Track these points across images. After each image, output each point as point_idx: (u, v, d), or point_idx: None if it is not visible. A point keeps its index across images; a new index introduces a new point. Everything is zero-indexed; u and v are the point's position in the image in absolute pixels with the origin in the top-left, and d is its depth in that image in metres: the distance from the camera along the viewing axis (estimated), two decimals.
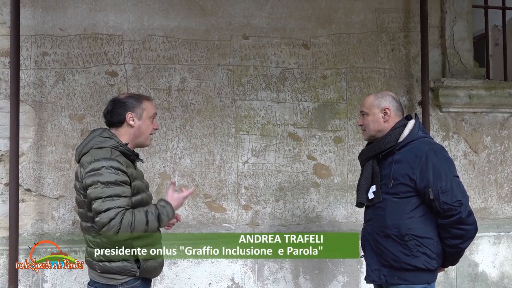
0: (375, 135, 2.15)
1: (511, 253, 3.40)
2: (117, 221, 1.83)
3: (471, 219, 1.97)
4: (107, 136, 2.00)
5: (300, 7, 3.20)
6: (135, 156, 2.09)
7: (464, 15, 3.42)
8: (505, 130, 3.49)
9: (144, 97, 2.09)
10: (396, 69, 3.33)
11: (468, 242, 2.02)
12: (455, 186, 1.96)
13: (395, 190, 2.04)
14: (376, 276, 2.12)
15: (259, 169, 3.14)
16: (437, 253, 2.03)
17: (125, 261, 1.94)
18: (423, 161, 1.98)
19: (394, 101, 2.13)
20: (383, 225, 2.07)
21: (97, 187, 1.86)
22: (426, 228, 2.02)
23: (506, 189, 3.49)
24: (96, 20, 2.97)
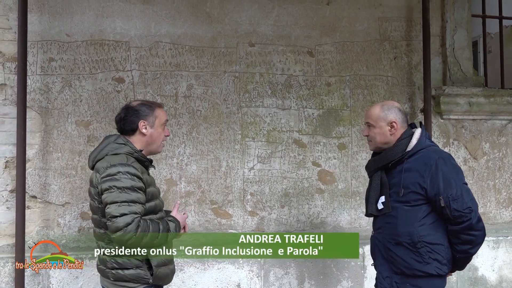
0: (382, 147, 2.19)
1: (509, 257, 3.48)
2: (133, 228, 1.84)
3: (480, 225, 2.03)
4: (122, 142, 2.01)
5: (305, 15, 3.24)
6: (149, 162, 2.10)
7: (464, 24, 3.50)
8: (503, 137, 3.58)
9: (156, 104, 2.11)
10: (399, 77, 3.39)
11: (477, 247, 2.07)
12: (465, 193, 2.01)
13: (406, 199, 2.08)
14: (388, 283, 2.15)
15: (264, 176, 3.17)
16: (448, 259, 2.08)
17: (138, 269, 1.95)
18: (433, 169, 2.03)
19: (400, 113, 2.16)
20: (394, 233, 2.10)
21: (113, 192, 1.87)
22: (437, 234, 2.06)
23: (504, 195, 3.57)
24: (103, 26, 2.97)
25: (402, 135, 2.13)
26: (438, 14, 3.48)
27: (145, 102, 2.10)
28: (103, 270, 2.02)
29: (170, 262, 2.08)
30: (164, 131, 2.10)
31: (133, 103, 2.09)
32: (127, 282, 1.95)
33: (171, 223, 2.00)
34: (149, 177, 2.05)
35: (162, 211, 2.10)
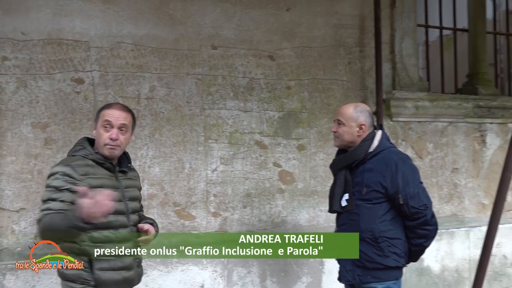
0: (346, 145, 2.34)
1: (450, 248, 3.80)
2: (40, 223, 1.85)
3: (433, 220, 2.24)
4: (81, 144, 2.03)
5: (266, 20, 3.33)
6: (113, 165, 2.03)
7: (410, 33, 3.76)
8: (444, 137, 3.89)
9: (107, 105, 2.07)
10: (353, 81, 3.58)
11: (430, 241, 2.29)
12: (421, 192, 2.21)
13: (368, 197, 2.25)
14: (351, 276, 2.30)
15: (227, 177, 3.22)
16: (405, 252, 2.27)
17: (81, 269, 1.90)
18: (393, 170, 2.20)
19: (369, 116, 2.32)
20: (357, 229, 2.24)
21: (45, 190, 1.92)
22: (396, 230, 2.25)
23: (445, 191, 3.89)
24: (61, 25, 2.87)
25: (366, 137, 2.29)
26: (388, 23, 3.71)
27: (106, 104, 2.13)
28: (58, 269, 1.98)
29: (123, 268, 1.98)
30: (108, 133, 1.96)
31: None
32: (71, 282, 1.92)
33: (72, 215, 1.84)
34: (105, 182, 1.97)
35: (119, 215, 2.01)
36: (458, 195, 3.93)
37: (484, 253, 2.74)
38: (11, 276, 2.70)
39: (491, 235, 2.69)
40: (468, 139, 3.97)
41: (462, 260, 3.82)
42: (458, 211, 3.94)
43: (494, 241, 2.73)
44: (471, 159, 3.98)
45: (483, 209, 4.02)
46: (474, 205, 3.99)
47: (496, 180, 3.97)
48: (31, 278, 2.73)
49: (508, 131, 4.11)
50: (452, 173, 3.91)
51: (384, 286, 2.26)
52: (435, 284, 3.73)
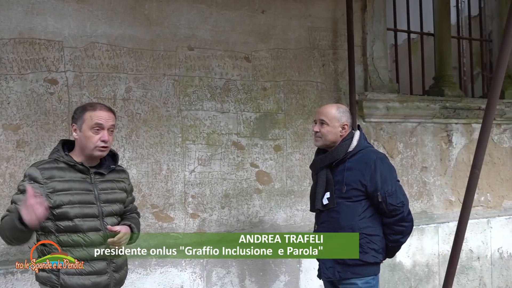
0: (329, 145, 2.39)
1: (420, 244, 3.93)
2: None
3: (410, 217, 2.33)
4: (56, 148, 2.03)
5: (241, 22, 3.36)
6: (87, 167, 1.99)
7: (381, 36, 3.89)
8: (413, 137, 4.03)
9: (90, 106, 2.01)
10: (327, 83, 3.66)
11: (407, 237, 2.37)
12: (398, 190, 2.31)
13: (348, 195, 2.31)
14: (331, 273, 2.35)
15: (205, 178, 3.22)
16: (382, 248, 2.35)
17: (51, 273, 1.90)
18: (372, 168, 2.28)
19: (350, 117, 2.41)
20: (337, 227, 2.31)
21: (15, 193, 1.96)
22: (374, 227, 2.32)
23: (415, 189, 4.03)
24: (33, 24, 2.79)
25: (346, 137, 2.36)
26: (359, 27, 3.82)
27: (85, 104, 2.08)
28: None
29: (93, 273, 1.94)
30: (99, 135, 1.94)
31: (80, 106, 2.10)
32: (43, 284, 1.93)
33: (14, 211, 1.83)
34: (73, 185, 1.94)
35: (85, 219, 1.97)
36: (427, 193, 4.09)
37: (455, 248, 2.86)
38: None
39: (462, 230, 2.81)
40: (436, 139, 4.14)
41: (432, 255, 3.97)
42: (427, 208, 4.09)
43: (464, 236, 2.85)
44: (438, 158, 4.15)
45: (450, 205, 4.20)
46: (442, 202, 4.16)
47: (462, 178, 4.17)
48: (4, 285, 2.64)
49: (472, 131, 4.31)
50: (421, 171, 4.06)
51: (363, 281, 2.32)
52: (407, 279, 3.85)
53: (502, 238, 4.31)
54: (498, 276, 4.28)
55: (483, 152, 2.74)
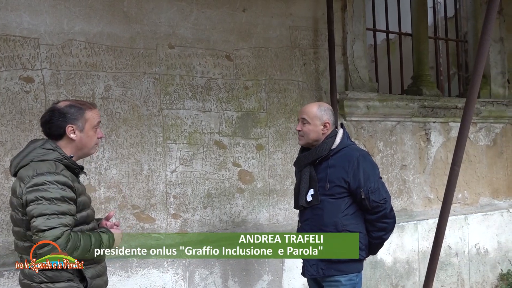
0: (312, 143, 2.40)
1: (401, 241, 3.98)
2: (63, 241, 1.75)
3: (392, 214, 2.36)
4: (50, 148, 1.87)
5: (222, 20, 3.33)
6: (80, 169, 1.99)
7: (360, 36, 3.92)
8: (393, 136, 4.08)
9: (87, 105, 1.96)
10: (308, 82, 3.66)
11: (389, 233, 2.39)
12: (381, 187, 2.32)
13: (331, 192, 2.32)
14: (315, 270, 2.36)
15: (187, 178, 3.18)
16: (365, 245, 2.36)
17: (71, 281, 1.85)
18: (355, 165, 2.30)
19: (333, 115, 2.43)
20: (321, 223, 2.33)
21: (40, 203, 1.75)
22: (357, 223, 2.33)
23: (395, 187, 4.08)
24: (8, 20, 2.70)
25: (329, 134, 2.38)
26: (340, 26, 3.84)
27: (74, 103, 1.94)
28: (29, 285, 1.87)
29: (103, 273, 2.01)
30: (97, 133, 1.98)
31: (60, 104, 1.93)
32: None
33: (103, 235, 1.91)
34: (80, 185, 1.95)
35: (94, 221, 2.01)
36: (407, 191, 4.14)
37: (436, 244, 2.89)
38: None
39: (442, 226, 2.85)
40: (415, 137, 4.20)
41: (412, 252, 4.02)
42: (407, 205, 4.14)
43: (444, 233, 2.89)
44: (417, 156, 4.21)
45: (429, 203, 4.26)
46: (421, 200, 4.22)
47: (440, 176, 4.25)
48: None
49: (449, 129, 4.40)
50: (401, 169, 4.11)
51: (347, 278, 2.33)
52: (388, 276, 3.89)
53: (479, 234, 4.40)
54: (476, 272, 4.37)
55: (463, 149, 2.78)
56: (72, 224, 1.81)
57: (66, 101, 1.99)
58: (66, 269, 1.83)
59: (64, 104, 1.93)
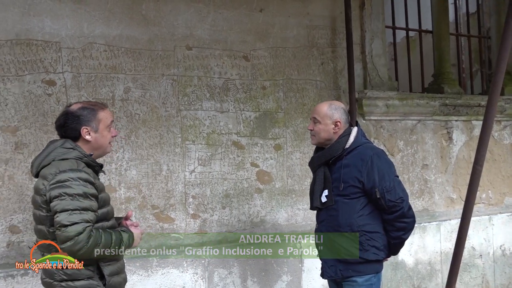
0: (324, 143, 2.38)
1: (422, 242, 3.91)
2: (85, 238, 1.78)
3: (411, 213, 2.28)
4: (70, 147, 1.92)
5: (239, 21, 3.34)
6: (100, 167, 2.04)
7: (379, 34, 3.87)
8: (414, 135, 4.02)
9: (99, 106, 2.01)
10: (326, 81, 3.64)
11: (409, 233, 2.32)
12: (397, 185, 2.26)
13: (346, 192, 2.28)
14: (333, 271, 2.34)
15: (205, 178, 3.19)
16: (384, 245, 2.32)
17: (90, 279, 1.90)
18: (369, 164, 2.24)
19: (344, 113, 2.38)
20: (336, 224, 2.30)
21: (64, 199, 1.79)
22: (374, 224, 2.28)
23: (416, 186, 4.01)
24: (30, 25, 2.77)
25: (342, 133, 2.33)
26: (358, 24, 3.80)
27: (86, 105, 1.99)
28: (50, 283, 1.92)
29: (122, 271, 2.04)
30: (111, 132, 2.03)
31: (73, 107, 1.98)
32: None
33: (124, 234, 1.95)
34: (100, 183, 2.00)
35: (113, 218, 2.06)
36: (429, 191, 4.07)
37: (458, 245, 2.83)
38: None
39: (465, 227, 2.79)
40: (436, 136, 4.12)
41: (434, 253, 3.95)
42: (429, 205, 4.07)
43: (467, 233, 2.83)
44: (439, 155, 4.13)
45: (451, 203, 4.18)
46: (443, 200, 4.14)
47: (463, 175, 4.16)
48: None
49: (472, 128, 4.30)
50: (422, 169, 4.04)
51: (365, 279, 2.30)
52: (410, 278, 3.83)
53: (504, 235, 4.29)
54: (501, 274, 4.25)
55: (485, 148, 2.72)
56: (94, 220, 1.84)
57: (78, 103, 2.03)
58: (86, 267, 1.87)
59: (76, 107, 1.98)
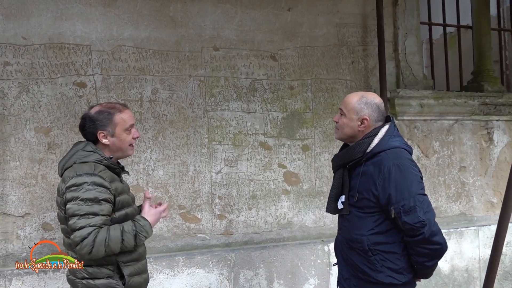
0: (347, 139, 2.06)
1: (459, 248, 3.74)
2: (90, 241, 1.80)
3: (436, 239, 1.85)
4: (91, 150, 1.96)
5: (267, 20, 3.31)
6: (121, 169, 2.06)
7: (413, 30, 3.73)
8: (450, 136, 3.84)
9: (117, 109, 2.00)
10: (356, 80, 3.55)
11: (434, 261, 1.91)
12: (419, 206, 1.83)
13: (360, 205, 1.97)
14: (347, 285, 2.08)
15: (232, 179, 3.19)
16: (404, 268, 1.94)
17: (110, 278, 1.93)
18: (386, 176, 1.87)
19: (377, 110, 1.99)
20: (348, 237, 2.03)
21: (75, 204, 1.83)
22: (392, 243, 1.93)
23: (453, 189, 3.84)
24: (62, 29, 2.86)
25: (369, 133, 1.97)
26: (390, 21, 3.68)
27: (104, 109, 1.99)
28: (73, 280, 1.97)
29: (143, 271, 2.06)
30: (132, 134, 2.02)
31: (91, 110, 2.01)
32: None
33: (139, 226, 1.94)
34: (121, 185, 2.01)
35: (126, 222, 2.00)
36: (466, 194, 3.88)
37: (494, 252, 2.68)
38: (17, 281, 2.68)
39: (502, 234, 2.64)
40: (475, 137, 3.93)
41: (472, 260, 3.76)
42: (467, 210, 3.88)
43: (504, 240, 2.67)
44: (478, 157, 3.93)
45: (491, 207, 3.97)
46: (482, 204, 3.94)
47: (504, 178, 3.92)
48: (37, 283, 2.71)
49: None
50: (459, 171, 3.86)
51: None
52: (445, 285, 3.67)
53: None
54: None
55: None
56: (103, 224, 1.84)
57: (97, 106, 2.05)
58: (105, 266, 1.91)
59: (94, 111, 2.00)
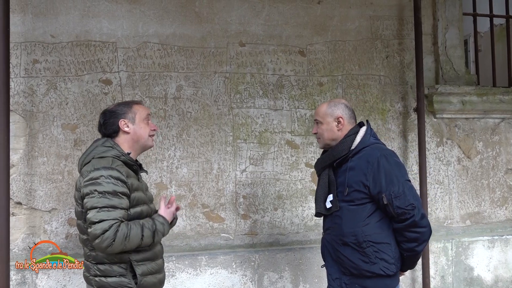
0: (330, 144, 2.16)
1: (504, 257, 3.46)
2: (111, 234, 1.78)
3: (424, 222, 1.99)
4: (109, 145, 1.97)
5: (296, 14, 3.19)
6: (138, 166, 2.04)
7: (455, 22, 3.48)
8: (496, 135, 3.56)
9: (133, 101, 2.11)
10: (391, 76, 3.35)
11: (423, 244, 2.02)
12: (407, 190, 1.97)
13: (351, 198, 2.04)
14: (338, 285, 2.10)
15: (257, 178, 3.10)
16: (395, 258, 2.03)
17: (122, 277, 1.90)
18: (375, 167, 2.00)
19: (347, 109, 2.16)
20: (340, 234, 2.06)
21: (94, 197, 1.82)
22: (383, 233, 2.02)
23: (498, 194, 3.55)
24: (89, 27, 2.89)
25: (349, 132, 2.12)
26: (430, 13, 3.45)
27: (121, 102, 2.11)
28: (87, 277, 1.97)
29: (158, 271, 2.02)
30: (150, 125, 2.06)
31: (109, 107, 2.09)
32: None
33: (159, 224, 1.94)
34: (137, 182, 1.99)
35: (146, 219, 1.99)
36: None
37: None
38: (43, 275, 2.73)
39: None
40: None
41: None
42: None
43: None
44: None
45: None
46: None
47: None
48: (62, 277, 2.75)
49: None
50: (505, 174, 3.57)
51: None
52: None
53: None
54: None
55: None
56: (123, 218, 1.83)
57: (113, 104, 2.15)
58: (119, 264, 1.88)
59: (112, 106, 2.10)
